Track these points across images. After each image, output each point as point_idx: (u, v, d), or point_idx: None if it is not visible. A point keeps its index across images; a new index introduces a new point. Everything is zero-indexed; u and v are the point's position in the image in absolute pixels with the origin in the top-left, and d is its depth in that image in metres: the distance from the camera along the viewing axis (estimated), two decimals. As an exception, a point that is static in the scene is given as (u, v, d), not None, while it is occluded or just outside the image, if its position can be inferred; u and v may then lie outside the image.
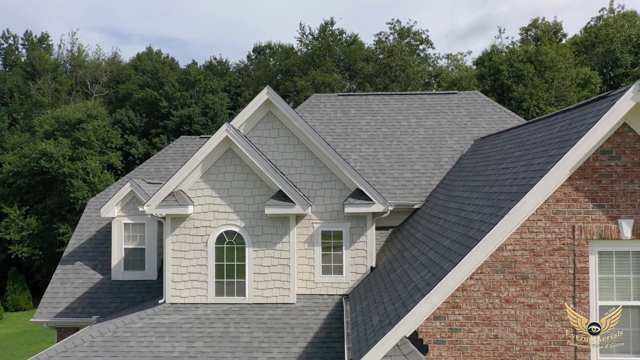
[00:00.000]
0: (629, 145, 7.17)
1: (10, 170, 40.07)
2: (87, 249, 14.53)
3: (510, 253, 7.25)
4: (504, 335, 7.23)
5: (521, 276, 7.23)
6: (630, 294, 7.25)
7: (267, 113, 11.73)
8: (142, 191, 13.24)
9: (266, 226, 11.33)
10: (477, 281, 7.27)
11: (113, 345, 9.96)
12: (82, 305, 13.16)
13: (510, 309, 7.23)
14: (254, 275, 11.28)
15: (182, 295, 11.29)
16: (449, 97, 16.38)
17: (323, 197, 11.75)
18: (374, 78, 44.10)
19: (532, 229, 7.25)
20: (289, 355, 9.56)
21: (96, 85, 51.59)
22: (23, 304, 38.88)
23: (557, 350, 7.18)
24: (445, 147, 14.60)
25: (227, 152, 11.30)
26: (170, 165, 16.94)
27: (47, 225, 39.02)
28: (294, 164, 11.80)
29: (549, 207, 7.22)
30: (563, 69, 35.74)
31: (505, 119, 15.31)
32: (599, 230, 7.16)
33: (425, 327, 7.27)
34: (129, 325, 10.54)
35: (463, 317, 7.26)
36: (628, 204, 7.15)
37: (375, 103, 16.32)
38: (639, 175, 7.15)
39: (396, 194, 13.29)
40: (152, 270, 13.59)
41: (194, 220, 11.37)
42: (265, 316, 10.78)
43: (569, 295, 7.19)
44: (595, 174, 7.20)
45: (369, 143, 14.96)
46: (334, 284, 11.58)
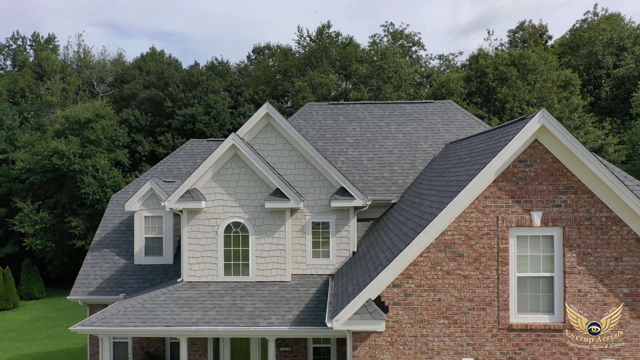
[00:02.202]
0: (539, 156, 9.53)
1: (23, 167, 42.33)
2: (112, 238, 16.91)
3: (450, 237, 9.62)
4: (445, 298, 9.61)
5: (458, 254, 9.60)
6: (540, 267, 9.62)
7: (266, 124, 14.08)
8: (160, 189, 15.59)
9: (266, 218, 13.70)
10: (425, 258, 9.64)
11: (142, 314, 12.34)
12: (110, 286, 15.54)
13: (450, 279, 9.61)
14: (256, 258, 13.67)
15: (197, 275, 13.68)
16: (426, 105, 18.72)
17: (313, 193, 14.12)
18: (367, 79, 46.39)
19: (467, 219, 9.61)
20: (285, 320, 11.95)
21: (102, 85, 53.81)
22: (37, 293, 41.27)
23: (485, 309, 9.57)
24: (420, 150, 16.96)
25: (233, 157, 13.65)
26: (181, 165, 19.27)
27: (58, 219, 41.31)
28: (289, 167, 14.17)
29: (479, 202, 9.58)
30: (545, 71, 38.01)
31: (473, 126, 17.65)
32: (517, 219, 9.52)
33: (386, 292, 9.65)
34: (154, 298, 12.92)
35: (415, 285, 9.64)
36: (538, 200, 9.51)
37: (361, 111, 18.67)
38: (547, 179, 9.50)
39: (376, 191, 15.66)
40: (169, 255, 15.98)
41: (206, 213, 13.73)
42: (266, 291, 13.17)
43: (494, 268, 9.56)
44: (514, 177, 9.56)
45: (354, 147, 17.33)
46: (322, 265, 13.98)
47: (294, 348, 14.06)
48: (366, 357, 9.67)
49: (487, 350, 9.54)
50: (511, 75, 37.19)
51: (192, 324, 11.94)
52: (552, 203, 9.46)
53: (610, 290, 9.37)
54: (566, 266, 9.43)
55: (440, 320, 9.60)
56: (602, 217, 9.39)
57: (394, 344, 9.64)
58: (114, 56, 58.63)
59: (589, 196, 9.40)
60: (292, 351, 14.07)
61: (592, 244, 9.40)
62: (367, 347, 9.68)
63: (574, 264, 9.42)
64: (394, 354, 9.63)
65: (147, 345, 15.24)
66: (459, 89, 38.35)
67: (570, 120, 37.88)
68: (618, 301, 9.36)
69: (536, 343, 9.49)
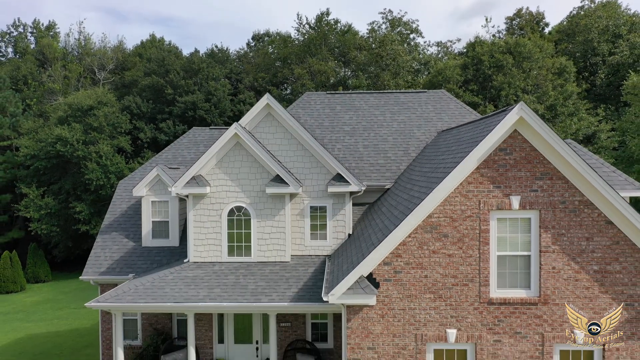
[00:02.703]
0: (518, 145, 10.36)
1: (27, 154, 43.15)
2: (121, 222, 17.80)
3: (436, 219, 10.49)
4: (431, 275, 10.52)
5: (443, 235, 10.49)
6: (518, 247, 10.51)
7: (267, 114, 14.88)
8: (166, 175, 16.43)
9: (267, 202, 14.58)
10: (413, 238, 10.53)
11: (152, 292, 13.27)
12: (119, 266, 16.46)
13: (436, 257, 10.50)
14: (258, 240, 14.58)
15: (202, 256, 14.59)
16: (419, 95, 19.50)
17: (311, 179, 14.97)
18: (366, 67, 46.97)
19: (451, 203, 10.48)
20: (285, 297, 12.88)
21: (103, 72, 54.35)
22: (42, 276, 42.36)
23: (467, 285, 10.48)
24: (413, 138, 17.78)
25: (235, 145, 14.47)
26: (185, 152, 20.08)
27: (63, 204, 42.22)
28: (288, 154, 15.00)
29: (463, 187, 10.44)
30: (540, 59, 38.62)
31: (465, 114, 18.45)
32: (497, 203, 10.39)
33: (377, 270, 10.56)
34: (162, 277, 13.85)
35: (403, 263, 10.54)
36: (517, 185, 10.37)
37: (357, 100, 19.45)
38: (525, 166, 10.35)
39: (371, 177, 16.51)
40: (175, 238, 16.88)
41: (211, 198, 14.60)
42: (267, 271, 14.10)
43: (476, 248, 10.45)
44: (495, 164, 10.41)
45: (350, 135, 18.14)
46: (320, 247, 14.89)
47: (293, 323, 15.05)
48: (359, 329, 10.61)
49: (469, 322, 10.48)
50: (507, 63, 37.80)
51: (198, 300, 12.87)
52: (529, 188, 10.32)
53: (581, 267, 10.28)
54: (542, 246, 10.32)
55: (427, 295, 10.52)
56: (575, 201, 10.26)
57: (385, 317, 10.57)
58: (115, 43, 59.08)
59: (563, 182, 10.26)
60: (292, 326, 15.05)
61: (566, 226, 10.28)
62: (359, 320, 10.62)
63: (549, 243, 10.31)
64: (384, 326, 10.57)
65: (156, 321, 16.22)
66: (456, 77, 39.00)
67: (565, 107, 38.60)
68: (589, 277, 10.27)
69: (514, 315, 10.42)
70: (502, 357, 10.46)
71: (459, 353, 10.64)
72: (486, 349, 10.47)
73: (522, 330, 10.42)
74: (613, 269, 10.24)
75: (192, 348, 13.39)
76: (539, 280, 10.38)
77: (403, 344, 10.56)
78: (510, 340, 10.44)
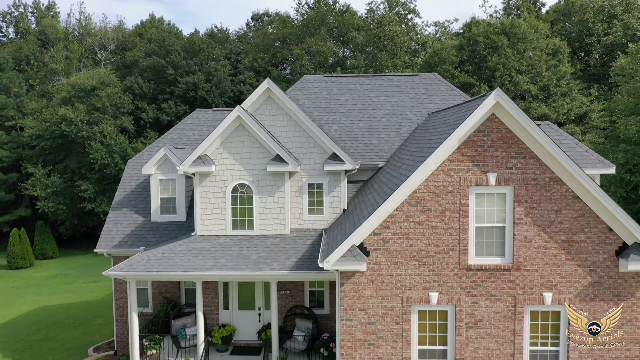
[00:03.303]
0: (495, 127, 11.45)
1: (32, 134, 44.16)
2: (130, 199, 18.96)
3: (421, 194, 11.64)
4: (416, 244, 11.72)
5: (427, 208, 11.64)
6: (494, 219, 11.68)
7: (267, 98, 15.92)
8: (173, 154, 17.53)
9: (268, 180, 15.71)
10: (400, 212, 11.69)
11: (163, 261, 14.49)
12: (131, 240, 17.68)
13: (420, 228, 11.68)
14: (259, 215, 15.76)
15: (208, 229, 15.79)
16: (412, 78, 20.47)
17: (309, 158, 16.08)
18: (364, 47, 47.63)
19: (434, 179, 11.61)
20: (285, 266, 14.11)
21: (104, 52, 54.95)
22: (50, 252, 43.77)
23: (448, 253, 11.68)
24: (405, 119, 18.82)
25: (238, 127, 15.54)
26: (189, 133, 21.14)
27: (68, 183, 43.40)
28: (287, 135, 16.08)
29: (445, 165, 11.56)
30: (534, 40, 39.33)
31: (454, 97, 19.45)
32: (476, 179, 11.52)
33: (367, 240, 11.75)
34: (172, 249, 15.07)
35: (391, 233, 11.72)
36: (494, 164, 11.48)
37: (353, 83, 20.43)
38: (501, 146, 11.45)
39: (365, 156, 17.61)
40: (182, 213, 18.06)
41: (215, 176, 15.73)
42: (268, 243, 15.31)
43: (457, 220, 11.62)
44: (474, 145, 11.50)
45: (346, 116, 19.18)
46: (317, 221, 16.08)
47: (292, 291, 16.34)
48: (351, 292, 11.85)
49: (450, 286, 11.71)
50: (502, 44, 38.54)
51: (206, 269, 14.10)
52: (505, 166, 11.44)
53: (550, 237, 11.47)
54: (515, 218, 11.49)
55: (412, 262, 11.73)
56: (546, 178, 11.39)
57: (374, 282, 11.80)
58: (115, 23, 59.45)
59: (535, 160, 11.38)
60: (291, 294, 16.34)
61: (537, 200, 11.44)
62: (352, 284, 11.85)
63: (522, 216, 11.48)
64: (373, 290, 11.81)
65: (165, 291, 17.50)
66: (451, 57, 39.76)
67: (558, 87, 39.48)
68: (557, 246, 11.47)
69: (489, 280, 11.65)
70: (478, 317, 11.72)
71: (441, 313, 11.90)
72: (464, 309, 11.72)
73: (496, 293, 11.66)
74: (578, 238, 11.43)
75: (201, 313, 14.68)
76: (512, 248, 11.57)
77: (390, 305, 11.81)
78: (486, 302, 11.69)
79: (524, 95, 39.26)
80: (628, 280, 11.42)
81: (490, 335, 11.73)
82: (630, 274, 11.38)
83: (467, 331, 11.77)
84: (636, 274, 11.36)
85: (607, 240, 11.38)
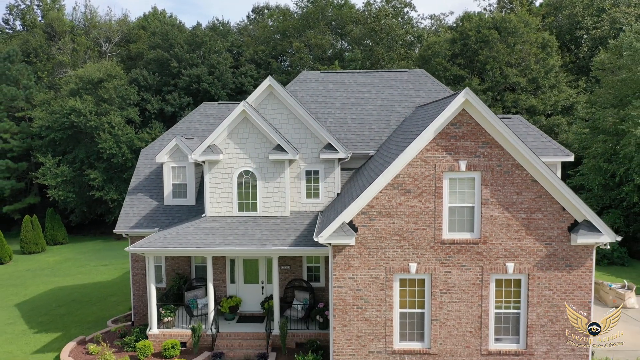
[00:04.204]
0: (465, 121, 13.31)
1: (42, 125, 45.97)
2: (145, 185, 20.87)
3: (402, 179, 13.54)
4: (397, 222, 13.63)
5: (407, 190, 13.55)
6: (464, 200, 13.58)
7: (269, 94, 17.77)
8: (184, 144, 19.41)
9: (270, 167, 17.61)
10: (384, 194, 13.60)
11: (178, 239, 16.43)
12: (146, 221, 19.60)
13: (401, 208, 13.60)
14: (262, 198, 17.68)
15: (217, 211, 17.72)
16: (401, 74, 22.29)
17: (306, 148, 17.96)
18: (361, 40, 49.28)
19: (414, 166, 13.50)
20: (285, 243, 16.05)
21: (109, 45, 56.56)
22: (60, 238, 45.80)
23: (425, 229, 13.61)
24: (394, 112, 20.68)
25: (243, 120, 17.41)
26: (197, 125, 22.98)
27: (77, 172, 45.30)
28: (287, 127, 17.95)
29: (423, 154, 13.45)
30: (524, 34, 41.01)
31: (440, 92, 21.29)
32: (449, 166, 13.41)
33: (356, 218, 13.67)
34: (185, 228, 17.01)
35: (376, 212, 13.64)
36: (464, 152, 13.36)
37: (347, 79, 22.27)
38: (470, 137, 13.32)
39: (357, 146, 19.48)
40: (192, 198, 19.98)
41: (223, 164, 17.62)
42: (270, 223, 17.25)
43: (432, 201, 13.52)
44: (448, 136, 13.38)
45: (340, 109, 21.04)
46: (314, 204, 18.00)
47: (292, 267, 18.31)
48: (342, 263, 13.80)
49: (426, 257, 13.65)
50: (492, 38, 40.22)
51: (215, 245, 16.05)
52: (474, 155, 13.33)
53: (512, 215, 13.39)
54: (482, 199, 13.40)
55: (394, 237, 13.66)
56: (509, 164, 13.28)
57: (362, 254, 13.74)
58: (119, 16, 60.98)
59: (500, 150, 13.26)
60: (291, 269, 18.32)
61: (501, 183, 13.33)
62: (342, 256, 13.79)
63: (488, 197, 13.39)
64: (361, 261, 13.76)
65: (177, 267, 19.48)
66: (444, 51, 41.47)
67: (547, 79, 41.23)
68: (518, 223, 13.39)
69: (460, 252, 13.59)
70: (451, 284, 13.68)
71: (419, 281, 13.86)
72: (439, 278, 13.68)
73: (466, 263, 13.61)
74: (536, 216, 13.35)
75: (211, 284, 16.66)
76: (480, 225, 13.50)
77: (376, 274, 13.77)
78: (457, 272, 13.64)
79: (513, 87, 41.04)
80: (578, 252, 13.36)
81: (461, 299, 13.70)
82: (580, 247, 13.32)
83: (441, 296, 13.74)
84: (585, 246, 13.30)
85: (560, 218, 13.31)
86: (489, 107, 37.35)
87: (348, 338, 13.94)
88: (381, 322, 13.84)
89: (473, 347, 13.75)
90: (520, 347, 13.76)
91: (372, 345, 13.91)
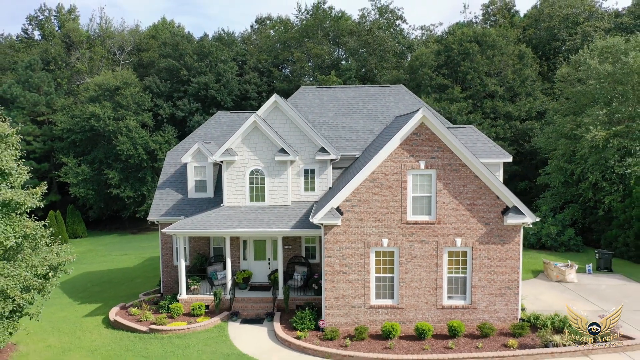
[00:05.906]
0: (423, 131, 17.65)
1: (63, 128, 50.33)
2: (171, 181, 25.22)
3: (377, 175, 17.88)
4: (373, 207, 17.97)
5: (380, 184, 17.89)
6: (424, 190, 17.91)
7: (274, 107, 22.14)
8: (205, 148, 23.77)
9: (275, 166, 21.96)
10: (363, 186, 17.94)
11: (202, 223, 20.78)
12: (173, 211, 23.95)
13: (376, 197, 17.93)
14: (269, 191, 22.04)
15: (232, 202, 22.08)
16: (384, 89, 26.67)
17: (304, 151, 22.32)
18: (356, 51, 53.70)
19: (385, 165, 17.84)
20: (288, 226, 20.39)
21: (122, 53, 60.95)
22: (80, 232, 50.15)
23: (394, 213, 17.94)
24: (377, 121, 25.04)
25: (254, 129, 21.77)
26: (213, 130, 27.32)
27: (96, 171, 49.67)
28: (289, 134, 22.31)
29: (392, 156, 17.79)
30: (503, 46, 45.37)
31: (415, 104, 25.64)
32: (411, 165, 17.76)
33: (342, 204, 18.01)
34: (207, 215, 21.36)
35: (357, 200, 17.99)
36: (423, 155, 17.70)
37: (339, 93, 26.64)
38: (428, 143, 17.65)
39: (346, 149, 23.84)
40: (211, 191, 24.34)
41: (238, 164, 21.96)
42: (275, 211, 21.61)
43: (399, 191, 17.85)
44: (411, 142, 17.72)
45: (333, 118, 25.40)
46: (310, 196, 22.35)
47: (292, 246, 22.67)
48: (331, 239, 18.13)
49: (395, 234, 17.99)
50: (473, 51, 44.58)
51: (233, 228, 20.39)
52: (430, 157, 17.66)
53: (460, 202, 17.72)
54: (437, 190, 17.73)
55: (371, 219, 17.99)
56: (457, 164, 17.62)
57: (346, 232, 18.08)
58: (132, 26, 65.38)
59: (450, 153, 17.59)
60: (292, 248, 22.68)
61: (451, 178, 17.67)
62: (331, 234, 18.13)
63: (442, 189, 17.72)
64: (346, 237, 18.09)
65: (199, 248, 23.82)
66: (430, 62, 45.84)
67: (523, 87, 45.59)
68: (464, 208, 17.72)
69: (421, 231, 17.93)
70: (414, 255, 18.01)
71: (389, 253, 18.19)
72: (405, 250, 18.02)
73: (426, 239, 17.94)
74: (478, 203, 17.69)
75: (229, 259, 21.03)
76: (435, 210, 17.83)
77: (357, 247, 18.11)
78: (419, 245, 17.98)
79: (492, 95, 45.39)
80: (509, 230, 17.71)
81: (422, 267, 18.04)
82: (510, 226, 17.67)
83: (407, 264, 18.08)
84: (514, 226, 17.65)
85: (496, 204, 17.66)
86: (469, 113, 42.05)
87: (336, 296, 18.28)
88: (361, 284, 18.18)
89: (431, 302, 18.09)
90: (467, 303, 18.10)
91: (354, 302, 18.25)
